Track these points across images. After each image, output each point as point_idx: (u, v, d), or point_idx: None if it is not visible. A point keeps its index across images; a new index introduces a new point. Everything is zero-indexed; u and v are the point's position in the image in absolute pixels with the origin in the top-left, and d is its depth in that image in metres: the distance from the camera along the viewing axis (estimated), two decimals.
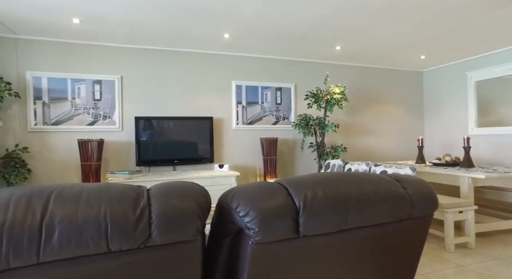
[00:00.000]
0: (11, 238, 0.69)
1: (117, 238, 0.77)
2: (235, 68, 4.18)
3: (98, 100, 3.59)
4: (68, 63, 3.49)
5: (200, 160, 3.88)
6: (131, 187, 0.89)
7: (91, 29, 3.17)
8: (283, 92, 4.41)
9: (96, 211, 0.77)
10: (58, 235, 0.73)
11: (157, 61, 3.83)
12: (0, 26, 3.04)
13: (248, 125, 4.24)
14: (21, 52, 3.34)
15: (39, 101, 3.38)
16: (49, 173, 3.42)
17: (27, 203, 0.75)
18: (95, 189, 0.84)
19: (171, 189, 0.90)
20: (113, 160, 3.65)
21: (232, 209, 0.94)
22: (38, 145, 3.39)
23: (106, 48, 3.63)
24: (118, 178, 3.17)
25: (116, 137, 3.65)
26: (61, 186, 0.83)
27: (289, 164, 4.44)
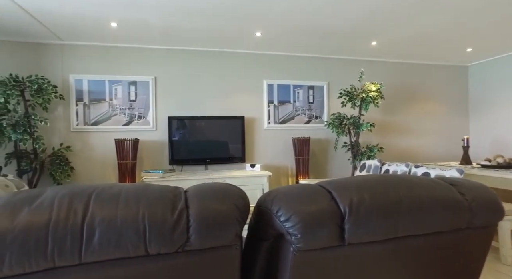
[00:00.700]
0: (56, 237, 0.69)
1: (155, 241, 0.75)
2: (267, 67, 4.13)
3: (134, 101, 3.70)
4: (106, 65, 3.63)
5: (231, 160, 3.87)
6: (168, 188, 0.87)
7: (127, 32, 3.26)
8: (315, 91, 4.30)
9: (134, 213, 0.76)
10: (98, 237, 0.72)
11: (189, 61, 3.88)
12: (49, 33, 3.22)
13: (280, 124, 4.18)
14: (65, 56, 3.52)
15: (81, 103, 3.55)
16: (89, 171, 3.58)
17: (69, 202, 0.74)
18: (133, 190, 0.82)
19: (209, 191, 0.87)
20: (148, 159, 3.74)
21: (272, 213, 0.88)
22: (79, 144, 3.56)
23: (141, 50, 3.73)
24: (152, 177, 3.24)
25: (150, 136, 3.74)
26: (101, 186, 0.82)
27: (322, 164, 4.32)
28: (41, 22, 2.97)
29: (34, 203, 0.72)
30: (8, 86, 3.07)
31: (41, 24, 3.00)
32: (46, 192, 0.78)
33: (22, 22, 2.95)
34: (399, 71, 4.61)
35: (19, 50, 3.42)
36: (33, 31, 3.17)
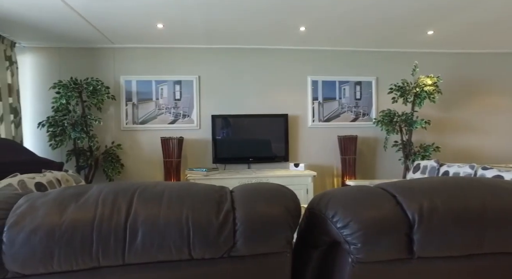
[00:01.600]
0: (100, 236, 0.67)
1: (199, 244, 0.69)
2: (311, 63, 3.98)
3: (178, 100, 3.78)
4: (153, 66, 3.75)
5: (274, 159, 3.80)
6: (213, 188, 0.81)
7: (172, 32, 3.34)
8: (363, 86, 4.05)
9: (177, 214, 0.71)
10: (141, 238, 0.68)
11: (232, 59, 3.87)
12: (103, 38, 3.41)
13: (325, 122, 4.00)
14: (117, 59, 3.71)
15: (130, 102, 3.71)
16: (137, 168, 3.73)
17: (113, 200, 0.72)
18: (177, 189, 0.78)
19: (257, 192, 0.79)
20: (192, 157, 3.80)
21: (327, 218, 0.78)
22: (128, 142, 3.73)
23: (185, 50, 3.80)
24: (196, 175, 3.28)
25: (194, 135, 3.80)
26: (144, 185, 0.79)
27: (370, 164, 4.06)
28: (97, 28, 3.14)
29: (80, 200, 0.71)
30: (69, 88, 3.30)
31: (96, 29, 3.17)
32: (92, 188, 0.76)
33: (81, 29, 3.15)
34: (459, 62, 4.17)
35: (77, 55, 3.67)
36: (89, 37, 3.37)
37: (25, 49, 3.60)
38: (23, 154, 2.63)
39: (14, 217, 0.65)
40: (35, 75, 3.63)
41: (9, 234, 0.64)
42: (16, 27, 3.07)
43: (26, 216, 0.66)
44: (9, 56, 3.32)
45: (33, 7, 2.65)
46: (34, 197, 0.71)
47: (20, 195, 0.73)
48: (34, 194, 0.72)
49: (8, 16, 2.81)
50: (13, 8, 2.66)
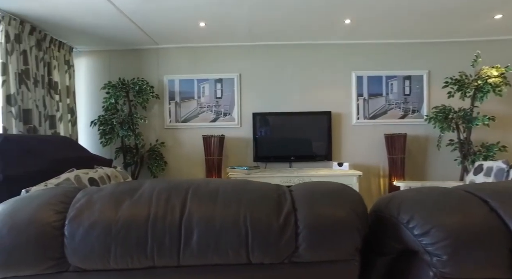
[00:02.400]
0: (155, 234, 0.63)
1: (258, 248, 0.63)
2: (356, 58, 3.78)
3: (220, 98, 3.80)
4: (195, 65, 3.81)
5: (317, 158, 3.67)
6: (270, 186, 0.75)
7: (214, 31, 3.35)
8: (412, 81, 3.77)
9: (234, 214, 0.65)
10: (196, 238, 0.64)
11: (273, 56, 3.80)
12: (148, 39, 3.53)
13: (370, 119, 3.79)
14: (160, 59, 3.82)
15: (173, 101, 3.80)
16: (179, 166, 3.81)
17: (167, 198, 0.68)
18: (232, 186, 0.73)
19: (320, 191, 0.71)
20: (232, 155, 3.80)
21: (400, 222, 0.68)
22: (171, 140, 3.82)
23: (226, 47, 3.80)
24: (238, 173, 3.26)
25: (235, 133, 3.80)
26: (197, 182, 0.75)
27: (420, 164, 3.77)
28: (143, 30, 3.25)
29: (134, 196, 0.68)
30: (117, 88, 3.46)
31: (142, 31, 3.28)
32: (145, 184, 0.74)
33: (129, 32, 3.27)
34: None
35: (125, 57, 3.83)
36: (136, 39, 3.50)
37: (80, 53, 3.84)
38: (79, 151, 2.79)
39: (74, 211, 0.64)
40: (88, 77, 3.86)
41: (70, 228, 0.63)
42: (74, 33, 3.27)
43: (84, 211, 0.64)
44: (68, 60, 3.56)
45: (88, 13, 2.79)
46: (90, 191, 0.70)
47: (78, 189, 0.73)
48: (90, 189, 0.71)
49: (68, 23, 3.00)
50: (72, 16, 2.83)
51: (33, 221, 0.63)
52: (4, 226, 0.62)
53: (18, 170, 1.99)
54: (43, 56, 3.19)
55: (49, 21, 3.01)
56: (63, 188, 0.70)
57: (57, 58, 3.40)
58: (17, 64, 2.82)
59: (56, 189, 0.70)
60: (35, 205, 0.64)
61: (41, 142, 2.46)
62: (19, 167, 2.03)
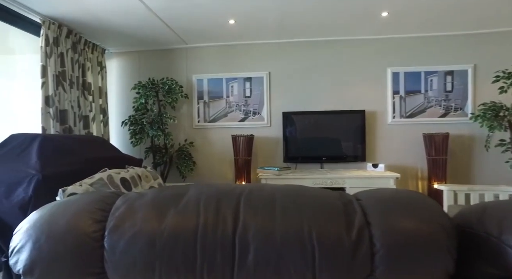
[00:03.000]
0: (204, 250, 0.55)
1: (327, 269, 0.53)
2: (392, 53, 3.57)
3: (248, 97, 3.72)
4: (223, 64, 3.75)
5: (350, 158, 3.50)
6: (332, 194, 0.64)
7: (243, 28, 3.27)
8: (455, 76, 3.50)
9: (297, 226, 0.55)
10: (253, 255, 0.54)
11: (304, 53, 3.67)
12: (177, 38, 3.52)
13: (407, 118, 3.56)
14: (189, 59, 3.80)
15: (201, 101, 3.77)
16: (208, 165, 3.77)
17: (216, 206, 0.60)
18: (289, 193, 0.63)
19: (396, 201, 0.60)
20: (262, 155, 3.71)
21: (504, 244, 0.55)
22: (200, 140, 3.79)
23: (255, 45, 3.72)
24: (268, 174, 3.16)
25: (264, 132, 3.70)
26: (248, 187, 0.66)
27: (464, 166, 3.49)
28: (172, 29, 3.23)
29: (179, 204, 0.61)
30: (147, 88, 3.47)
31: (172, 30, 3.27)
32: (190, 190, 0.66)
33: (159, 32, 3.27)
34: None
35: (154, 57, 3.85)
36: (165, 38, 3.50)
37: (112, 55, 3.90)
38: (111, 150, 2.81)
39: (114, 220, 0.57)
40: (119, 77, 3.91)
41: (110, 240, 0.56)
42: (106, 35, 3.32)
43: (125, 220, 0.57)
44: (100, 62, 3.62)
45: (120, 13, 2.81)
46: (131, 198, 0.63)
47: (116, 195, 0.66)
48: (130, 195, 0.64)
49: (101, 25, 3.04)
50: (105, 17, 2.86)
51: (71, 229, 0.56)
52: (43, 234, 0.57)
53: (55, 170, 2.01)
54: (78, 58, 3.25)
55: (84, 24, 3.06)
56: (101, 194, 0.64)
57: (90, 60, 3.47)
58: (55, 67, 2.89)
59: (93, 195, 0.63)
60: (73, 212, 0.58)
61: (76, 142, 2.49)
62: (56, 167, 2.05)
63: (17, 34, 3.08)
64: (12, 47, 3.34)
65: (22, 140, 2.14)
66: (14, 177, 1.86)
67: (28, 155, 2.05)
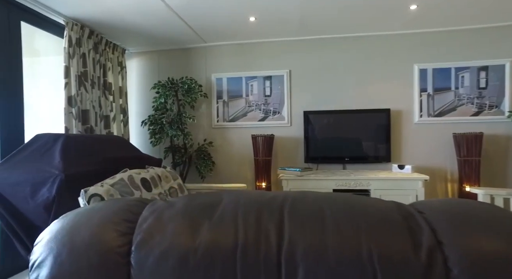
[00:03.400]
0: (246, 271, 0.47)
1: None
2: (419, 49, 3.40)
3: (268, 96, 3.63)
4: (243, 62, 3.69)
5: (374, 159, 3.35)
6: (387, 204, 0.55)
7: (264, 25, 3.19)
8: (490, 72, 3.28)
9: (354, 245, 0.47)
10: (303, 278, 0.47)
11: (326, 50, 3.55)
12: (196, 37, 3.48)
13: (436, 117, 3.38)
14: (208, 57, 3.76)
15: (220, 100, 3.72)
16: (228, 166, 3.72)
17: (257, 219, 0.52)
18: (338, 203, 0.55)
19: (468, 214, 0.50)
20: (282, 155, 3.62)
21: None
22: (219, 140, 3.74)
23: (275, 43, 3.63)
24: (289, 175, 3.07)
25: (284, 132, 3.61)
26: (291, 197, 0.58)
27: (500, 168, 3.28)
28: (191, 27, 3.19)
29: (214, 215, 0.53)
30: (166, 88, 3.46)
31: (191, 29, 3.23)
32: (223, 199, 0.59)
33: (178, 30, 3.24)
34: None
35: (173, 57, 3.84)
36: (184, 37, 3.47)
37: (132, 55, 3.92)
38: (131, 150, 2.80)
39: (141, 234, 0.51)
40: (138, 77, 3.92)
41: (138, 256, 0.49)
42: (126, 35, 3.32)
43: (154, 234, 0.51)
44: (121, 62, 3.64)
45: (140, 12, 2.79)
46: (159, 207, 0.57)
47: (142, 203, 0.60)
48: (158, 204, 0.58)
49: (122, 25, 3.03)
50: (126, 17, 2.84)
51: (95, 243, 0.50)
52: (64, 247, 0.51)
53: (77, 169, 2.00)
54: (99, 59, 3.27)
55: (105, 24, 3.07)
56: (126, 202, 0.58)
57: (111, 60, 3.48)
58: (77, 67, 2.91)
59: (118, 203, 0.57)
60: (96, 223, 0.52)
61: (97, 141, 2.49)
62: (78, 166, 2.04)
63: (42, 36, 3.12)
64: (38, 48, 3.40)
65: (46, 140, 2.14)
66: (39, 177, 1.86)
67: (52, 155, 2.05)
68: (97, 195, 1.85)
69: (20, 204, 1.95)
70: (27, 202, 1.94)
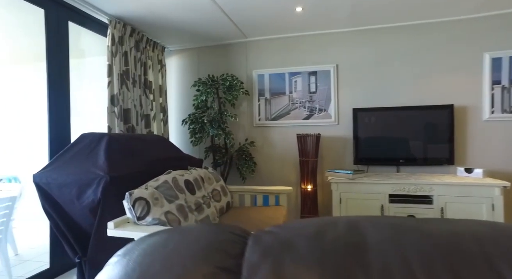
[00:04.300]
0: None
1: None
2: (490, 35, 2.97)
3: (314, 93, 3.39)
4: (286, 57, 3.47)
5: (433, 161, 2.99)
6: None
7: (310, 16, 2.95)
8: None
9: None
10: None
11: (378, 42, 3.23)
12: (237, 32, 3.32)
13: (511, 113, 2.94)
14: (249, 53, 3.59)
15: (262, 98, 3.54)
16: (270, 167, 3.53)
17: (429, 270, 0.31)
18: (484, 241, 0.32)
19: None
20: (328, 156, 3.36)
21: None
22: (261, 139, 3.56)
23: (322, 36, 3.38)
24: (339, 178, 2.81)
25: (331, 131, 3.35)
26: (461, 228, 0.36)
27: None
28: (233, 21, 3.04)
29: (370, 268, 0.33)
30: (207, 85, 3.34)
31: (233, 23, 3.08)
32: (369, 234, 0.38)
33: (220, 25, 3.11)
34: None
35: (213, 53, 3.72)
36: (225, 32, 3.33)
37: (171, 52, 3.86)
38: (172, 150, 2.70)
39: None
40: (177, 75, 3.85)
41: None
42: (167, 32, 3.25)
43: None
44: (160, 60, 3.58)
45: (183, 8, 2.67)
46: (271, 248, 0.38)
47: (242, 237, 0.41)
48: (266, 241, 0.39)
49: (162, 22, 2.95)
50: (166, 13, 2.75)
51: None
52: None
53: (121, 171, 1.91)
54: (140, 57, 3.22)
55: (147, 22, 3.01)
56: (216, 233, 0.39)
57: (151, 58, 3.43)
58: (119, 65, 2.87)
59: (205, 235, 0.39)
60: (179, 272, 0.33)
61: (139, 141, 2.40)
62: (122, 167, 1.95)
63: (87, 36, 3.13)
64: (83, 49, 3.43)
65: (90, 140, 2.08)
66: (85, 179, 1.79)
67: (96, 155, 1.97)
68: (142, 199, 1.74)
69: (67, 206, 1.89)
70: (73, 203, 1.88)
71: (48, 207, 1.88)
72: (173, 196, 1.97)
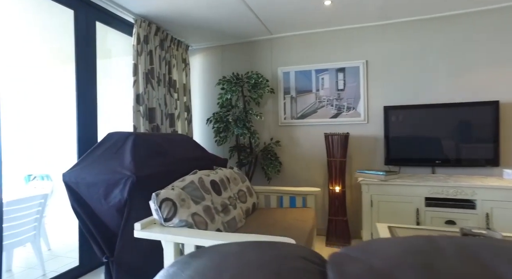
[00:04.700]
0: None
1: None
2: None
3: (342, 90, 3.25)
4: (313, 54, 3.35)
5: (475, 162, 2.77)
6: None
7: (339, 10, 2.82)
8: None
9: None
10: None
11: (410, 35, 3.05)
12: (263, 29, 3.24)
13: None
14: (274, 50, 3.50)
15: (288, 96, 3.43)
16: (296, 167, 3.42)
17: None
18: None
19: None
20: (356, 156, 3.21)
21: None
22: (286, 138, 3.46)
23: (350, 30, 3.23)
24: (370, 179, 2.67)
25: (360, 130, 3.20)
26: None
27: None
28: (259, 17, 2.96)
29: None
30: (232, 83, 3.28)
31: (258, 19, 3.00)
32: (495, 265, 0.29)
33: (245, 22, 3.04)
34: None
35: (237, 51, 3.65)
36: (250, 29, 3.25)
37: (195, 51, 3.83)
38: (197, 149, 2.65)
39: None
40: (201, 74, 3.82)
41: None
42: (191, 30, 3.22)
43: None
44: (184, 58, 3.56)
45: (209, 5, 2.63)
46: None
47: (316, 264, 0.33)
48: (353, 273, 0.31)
49: (187, 20, 2.92)
50: (191, 11, 2.71)
51: None
52: None
53: (147, 170, 1.88)
54: (165, 56, 3.21)
55: (171, 20, 2.98)
56: (284, 258, 0.31)
57: (175, 57, 3.42)
58: (144, 64, 2.86)
59: (268, 259, 0.30)
60: None
61: (165, 140, 2.37)
62: (148, 167, 1.92)
63: (112, 36, 3.15)
64: (109, 48, 3.47)
65: (117, 139, 2.07)
66: (112, 178, 1.77)
67: (123, 155, 1.95)
68: (168, 200, 1.69)
69: (95, 205, 1.88)
70: (100, 203, 1.86)
71: (77, 206, 1.88)
72: (199, 197, 1.92)
